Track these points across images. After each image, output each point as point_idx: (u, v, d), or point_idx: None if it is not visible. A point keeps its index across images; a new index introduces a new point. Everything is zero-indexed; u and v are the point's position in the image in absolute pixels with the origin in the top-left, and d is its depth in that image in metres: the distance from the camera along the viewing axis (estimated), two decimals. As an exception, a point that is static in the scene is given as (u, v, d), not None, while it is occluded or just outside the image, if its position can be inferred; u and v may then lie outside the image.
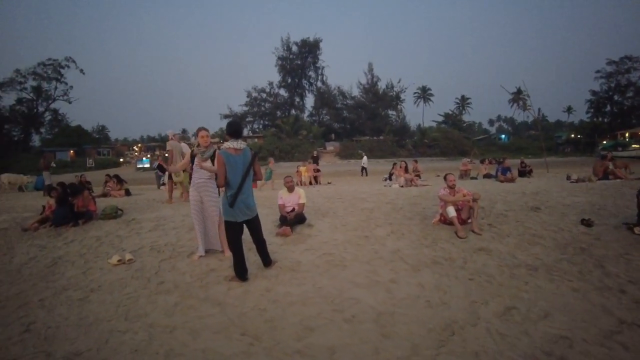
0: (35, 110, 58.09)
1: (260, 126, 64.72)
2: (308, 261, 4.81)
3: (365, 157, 24.30)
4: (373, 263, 4.72)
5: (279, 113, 62.76)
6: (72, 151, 52.11)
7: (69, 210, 7.14)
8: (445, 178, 6.46)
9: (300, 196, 6.55)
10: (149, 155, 49.08)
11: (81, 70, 58.42)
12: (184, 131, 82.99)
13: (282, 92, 64.72)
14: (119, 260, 4.99)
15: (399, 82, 62.35)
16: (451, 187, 6.21)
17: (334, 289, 3.99)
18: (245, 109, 63.07)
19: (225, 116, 62.00)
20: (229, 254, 4.85)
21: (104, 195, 11.75)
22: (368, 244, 5.46)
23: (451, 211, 5.89)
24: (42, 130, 60.16)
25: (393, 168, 14.59)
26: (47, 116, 60.01)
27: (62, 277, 4.69)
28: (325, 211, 7.52)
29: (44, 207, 7.65)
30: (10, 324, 3.56)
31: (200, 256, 5.01)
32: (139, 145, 66.64)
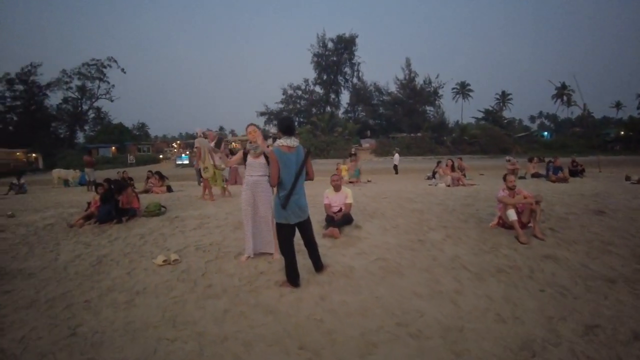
0: (79, 109, 61.88)
1: (296, 123, 65.07)
2: (361, 267, 4.58)
3: (396, 155, 23.82)
4: (432, 271, 4.45)
5: (314, 110, 63.12)
6: (113, 148, 54.66)
7: (114, 207, 7.26)
8: (504, 179, 6.14)
9: (347, 196, 6.33)
10: (187, 152, 50.51)
11: (122, 70, 61.82)
12: (220, 129, 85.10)
13: (318, 89, 65.23)
14: (164, 261, 4.93)
15: (437, 77, 61.69)
16: (511, 189, 5.91)
17: (393, 299, 3.74)
18: (281, 106, 63.92)
19: (261, 113, 63.32)
20: (277, 256, 4.70)
21: (146, 191, 12.02)
22: (424, 249, 5.20)
23: (512, 214, 5.57)
24: (86, 127, 64.08)
25: (437, 166, 14.39)
26: (91, 114, 63.82)
27: (107, 277, 4.68)
28: (372, 212, 7.28)
29: (88, 203, 7.83)
30: (57, 326, 3.53)
31: (248, 257, 4.86)
32: (178, 142, 68.82)
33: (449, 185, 11.93)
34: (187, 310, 3.65)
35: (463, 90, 73.65)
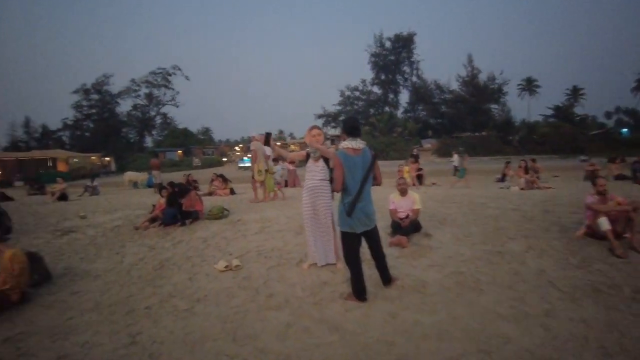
0: (147, 115, 66.83)
1: (356, 124, 65.10)
2: (434, 281, 4.20)
3: (456, 155, 22.59)
4: (516, 288, 3.98)
5: (372, 111, 62.91)
6: (180, 151, 57.76)
7: (178, 210, 7.43)
8: (593, 182, 5.44)
9: (414, 200, 5.95)
10: (249, 155, 52.10)
11: (186, 77, 66.01)
12: (280, 132, 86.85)
13: (376, 89, 65.23)
14: (225, 267, 4.86)
15: (501, 73, 58.59)
16: (601, 194, 5.21)
17: (474, 321, 3.33)
18: (339, 108, 64.45)
19: (319, 116, 64.07)
20: (341, 265, 4.47)
21: (210, 193, 12.35)
22: (504, 261, 4.71)
23: (604, 223, 4.92)
24: (154, 132, 69.10)
25: (506, 167, 13.42)
26: (158, 120, 68.73)
27: (168, 283, 4.69)
28: (442, 218, 6.82)
29: (154, 206, 8.10)
30: (118, 332, 3.53)
31: (311, 265, 4.66)
32: (240, 145, 71.12)
33: (522, 189, 11.23)
34: (247, 322, 3.49)
35: (529, 86, 69.13)
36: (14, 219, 8.86)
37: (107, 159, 51.07)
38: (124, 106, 66.30)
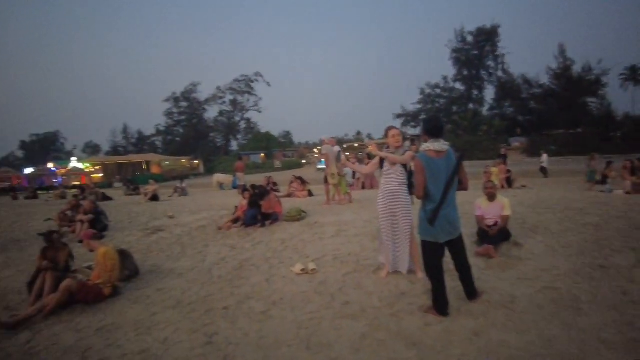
0: (232, 120, 71.47)
1: (437, 123, 62.91)
2: (525, 297, 3.78)
3: (545, 155, 20.49)
4: (623, 310, 3.43)
5: (454, 108, 60.03)
6: (262, 154, 60.31)
7: (258, 211, 7.66)
8: None
9: (503, 206, 5.46)
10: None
11: (268, 83, 69.48)
12: (358, 133, 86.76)
13: (458, 85, 62.14)
14: (302, 270, 4.85)
15: (599, 63, 51.67)
16: None
17: (572, 347, 2.90)
18: (419, 106, 62.53)
19: (398, 115, 62.75)
20: (421, 275, 4.21)
21: (289, 195, 12.60)
22: (607, 277, 4.14)
23: None
24: (239, 136, 73.63)
25: (608, 168, 11.91)
26: (242, 125, 73.21)
27: (246, 283, 4.77)
28: (534, 225, 6.22)
29: (236, 207, 8.43)
30: (196, 331, 3.64)
31: (388, 273, 4.45)
32: (319, 147, 72.37)
33: (628, 193, 9.93)
34: (322, 330, 3.40)
35: (634, 75, 61.02)
36: (111, 217, 9.75)
37: (196, 162, 54.86)
38: (211, 112, 71.64)
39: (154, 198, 15.31)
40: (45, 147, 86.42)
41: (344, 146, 66.24)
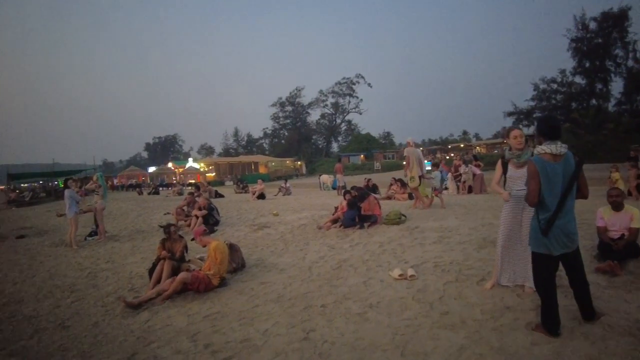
0: (334, 123, 73.72)
1: (553, 123, 56.64)
2: None
3: None
4: None
5: (574, 105, 53.21)
6: (362, 155, 60.61)
7: (357, 213, 7.70)
8: None
9: (632, 217, 4.72)
10: (430, 158, 51.16)
11: (369, 84, 70.28)
12: (464, 133, 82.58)
13: (578, 79, 54.47)
14: (400, 275, 4.75)
15: None
16: None
17: None
18: (532, 103, 56.67)
19: (509, 114, 57.79)
20: (530, 290, 3.84)
21: (388, 197, 12.45)
22: None
23: None
24: (339, 138, 75.21)
25: None
26: (343, 127, 75.07)
27: (344, 284, 4.82)
28: None
29: (336, 207, 8.57)
30: (294, 326, 3.76)
31: (494, 285, 4.14)
32: (421, 148, 70.57)
33: None
34: (419, 338, 3.28)
35: None
36: (222, 213, 10.54)
37: (299, 163, 57.00)
38: (314, 115, 74.22)
39: (261, 196, 16.23)
40: (166, 148, 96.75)
41: (449, 147, 63.90)
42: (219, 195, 18.52)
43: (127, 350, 3.75)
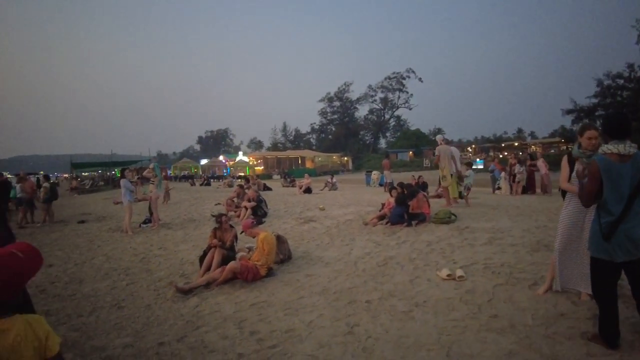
0: (382, 118, 72.99)
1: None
2: None
3: None
4: None
5: None
6: (411, 152, 59.55)
7: (405, 210, 7.60)
8: None
9: None
10: (483, 156, 49.47)
11: (420, 79, 68.83)
12: (519, 131, 79.03)
13: None
14: (448, 275, 4.65)
15: None
16: None
17: None
18: (595, 101, 52.80)
19: (568, 111, 54.32)
20: (586, 297, 3.65)
21: (438, 196, 12.21)
22: None
23: None
24: (387, 134, 74.08)
25: None
26: (392, 122, 74.12)
27: (390, 281, 4.79)
28: None
29: (383, 204, 8.51)
30: (338, 319, 3.80)
31: (548, 290, 3.95)
32: (473, 146, 68.38)
33: None
34: (465, 340, 3.21)
35: None
36: (270, 205, 10.75)
37: (346, 158, 56.95)
38: (362, 111, 73.61)
39: (308, 190, 16.42)
40: (217, 141, 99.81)
41: (502, 145, 61.20)
42: (267, 188, 18.90)
43: (177, 332, 3.93)
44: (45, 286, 5.84)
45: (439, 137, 10.15)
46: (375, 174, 22.78)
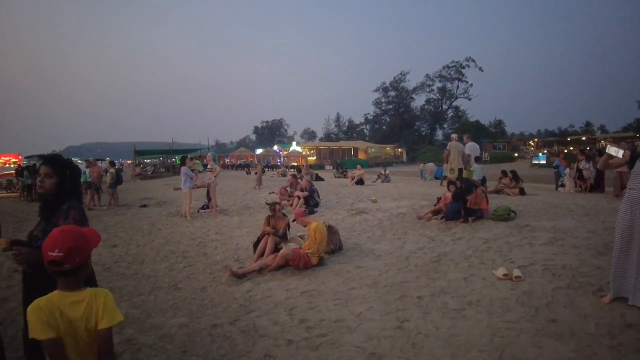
0: (440, 109, 70.47)
1: None
2: None
3: None
4: None
5: None
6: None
7: (463, 206, 7.41)
8: None
9: None
10: (546, 151, 46.81)
11: (480, 68, 65.78)
12: (587, 124, 73.75)
13: None
14: (505, 275, 4.51)
15: None
16: None
17: None
18: None
19: None
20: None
21: (497, 191, 11.78)
22: None
23: None
24: (445, 125, 71.55)
25: None
26: (450, 113, 71.39)
27: (443, 277, 4.72)
28: None
29: (438, 198, 8.34)
30: (388, 313, 3.80)
31: (614, 299, 3.71)
32: (535, 139, 64.88)
33: None
34: (519, 343, 3.10)
35: None
36: (322, 196, 10.85)
37: (399, 150, 56.07)
38: (418, 101, 71.72)
39: (360, 182, 16.38)
40: (272, 132, 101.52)
41: (568, 139, 57.24)
42: (319, 178, 19.05)
43: (230, 315, 4.11)
44: (110, 265, 6.28)
45: (453, 135, 12.06)
46: (429, 166, 22.14)
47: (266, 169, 34.72)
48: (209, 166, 11.14)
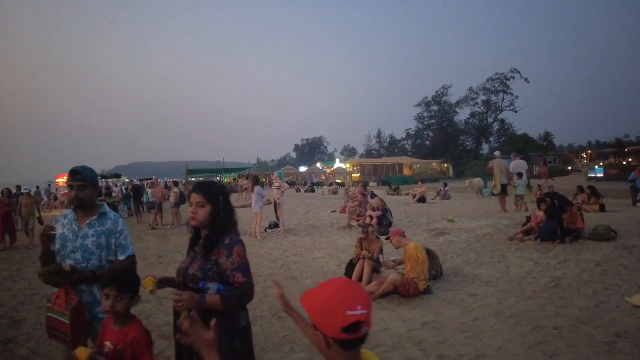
0: (485, 122, 68.50)
1: None
2: None
3: None
4: None
5: None
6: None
7: (558, 225, 6.99)
8: None
9: None
10: (601, 164, 44.49)
11: (525, 79, 63.99)
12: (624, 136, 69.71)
13: None
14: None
15: None
16: None
17: None
18: None
19: None
20: None
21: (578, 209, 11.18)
22: None
23: None
24: (491, 139, 69.42)
25: None
26: (495, 126, 69.16)
27: (571, 305, 4.39)
28: None
29: (528, 217, 7.93)
30: (531, 347, 3.52)
31: None
32: (589, 151, 61.90)
33: None
34: None
35: None
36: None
37: (445, 165, 54.96)
38: (462, 115, 70.31)
39: (421, 199, 16.00)
40: (312, 149, 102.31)
41: (625, 150, 54.23)
42: (373, 195, 18.77)
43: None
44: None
45: (495, 153, 13.45)
46: (475, 181, 21.39)
47: (314, 187, 34.83)
48: (276, 184, 11.14)
